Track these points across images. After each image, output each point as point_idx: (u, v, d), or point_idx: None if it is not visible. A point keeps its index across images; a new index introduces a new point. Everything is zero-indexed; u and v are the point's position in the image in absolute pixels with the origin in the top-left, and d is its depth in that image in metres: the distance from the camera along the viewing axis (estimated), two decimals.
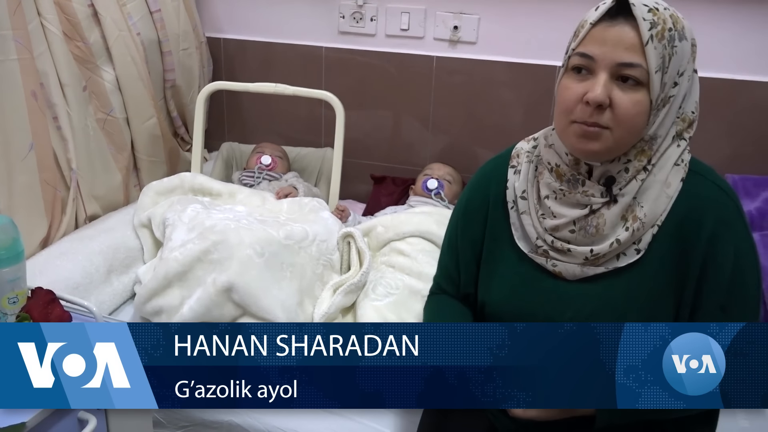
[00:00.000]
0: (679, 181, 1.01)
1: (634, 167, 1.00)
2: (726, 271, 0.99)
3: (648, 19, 0.93)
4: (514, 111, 2.16)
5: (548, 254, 1.06)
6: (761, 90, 1.93)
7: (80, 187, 1.85)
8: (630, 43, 0.93)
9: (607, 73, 0.95)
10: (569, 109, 0.98)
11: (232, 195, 1.98)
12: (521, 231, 1.10)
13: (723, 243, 0.99)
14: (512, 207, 1.11)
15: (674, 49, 0.95)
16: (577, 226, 1.03)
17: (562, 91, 1.00)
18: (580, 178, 1.02)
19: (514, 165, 1.13)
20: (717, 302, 1.00)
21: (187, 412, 1.43)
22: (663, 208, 1.01)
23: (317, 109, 2.37)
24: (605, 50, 0.94)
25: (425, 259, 1.70)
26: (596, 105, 0.94)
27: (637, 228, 1.00)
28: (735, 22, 1.91)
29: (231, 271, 1.59)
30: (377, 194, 2.31)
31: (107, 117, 1.96)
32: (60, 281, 1.59)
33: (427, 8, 2.17)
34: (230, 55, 2.45)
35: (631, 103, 0.95)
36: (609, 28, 0.95)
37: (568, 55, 1.00)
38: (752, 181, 1.83)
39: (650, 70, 0.93)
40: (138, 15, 2.03)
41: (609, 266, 1.03)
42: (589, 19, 0.97)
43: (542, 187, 1.07)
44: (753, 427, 1.38)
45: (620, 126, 0.95)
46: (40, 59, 1.69)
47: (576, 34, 0.99)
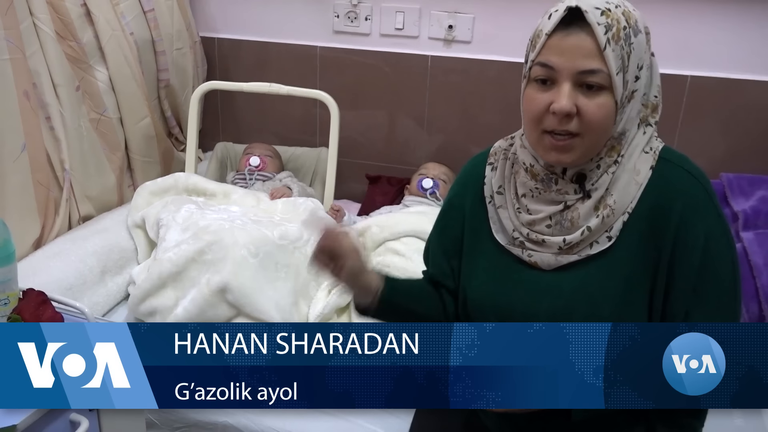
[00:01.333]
0: (649, 169, 1.03)
1: (606, 163, 1.02)
2: (696, 254, 1.00)
3: (602, 23, 0.93)
4: (508, 110, 2.15)
5: (524, 245, 1.08)
6: (756, 89, 1.93)
7: (73, 187, 1.84)
8: (588, 50, 0.94)
9: (570, 82, 0.96)
10: (538, 119, 0.99)
11: (226, 195, 1.97)
12: (499, 224, 1.12)
13: (692, 227, 1.00)
14: (490, 201, 1.14)
15: (631, 46, 0.96)
16: (552, 221, 1.05)
17: (527, 102, 1.01)
18: (554, 177, 1.04)
19: (491, 162, 1.16)
20: (689, 285, 1.01)
21: (182, 413, 1.42)
22: (633, 195, 1.02)
23: (312, 109, 2.36)
24: (565, 59, 0.95)
25: (420, 258, 1.69)
26: (563, 115, 0.96)
27: (608, 215, 1.02)
28: (730, 21, 1.91)
29: (225, 272, 1.59)
30: (372, 194, 2.30)
31: (101, 117, 1.96)
32: (53, 282, 1.58)
33: (422, 7, 2.17)
34: (224, 54, 2.44)
35: (597, 107, 0.96)
36: (566, 38, 0.95)
37: (529, 66, 1.01)
38: (747, 180, 1.83)
39: (611, 73, 0.94)
40: (131, 14, 2.02)
41: (582, 254, 1.04)
42: (545, 29, 0.97)
43: (519, 186, 1.09)
44: (748, 425, 1.39)
45: (590, 131, 0.97)
46: (32, 59, 1.69)
47: (533, 44, 1.00)
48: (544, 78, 0.98)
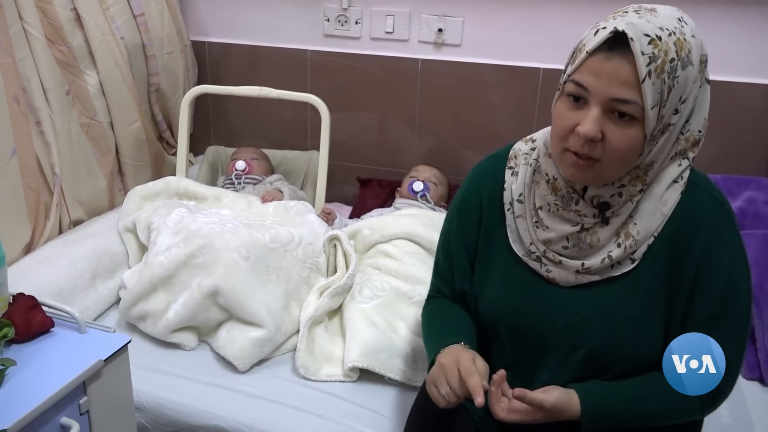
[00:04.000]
0: (676, 198, 1.00)
1: (628, 192, 0.99)
2: (719, 282, 0.99)
3: (647, 53, 0.88)
4: (499, 113, 2.17)
5: (541, 260, 1.07)
6: (744, 91, 1.95)
7: (64, 191, 1.84)
8: (626, 78, 0.89)
9: (600, 108, 0.92)
10: (563, 137, 0.97)
11: (217, 199, 1.97)
12: (516, 234, 1.10)
13: (717, 254, 0.99)
14: (509, 209, 1.11)
15: (675, 80, 0.90)
16: (570, 242, 1.03)
17: (557, 116, 0.98)
18: (575, 196, 1.02)
19: (511, 166, 1.12)
20: (708, 312, 1.00)
21: (173, 416, 1.42)
22: (657, 225, 1.00)
23: (303, 112, 2.37)
24: (600, 83, 0.91)
25: (411, 261, 1.70)
26: (587, 139, 0.93)
27: (630, 246, 1.00)
28: (717, 25, 1.92)
29: (216, 275, 1.59)
30: (363, 197, 2.31)
31: (91, 121, 1.95)
32: (44, 287, 1.57)
33: (412, 11, 2.18)
34: (215, 58, 2.45)
35: (624, 138, 0.92)
36: (606, 61, 0.90)
37: (564, 80, 0.98)
38: (734, 181, 1.85)
39: (645, 107, 0.90)
40: (121, 19, 2.02)
41: (603, 275, 1.03)
42: (587, 45, 0.93)
43: (537, 198, 1.07)
44: (735, 424, 1.40)
45: (612, 159, 0.94)
46: (22, 63, 1.68)
47: (573, 58, 0.96)
48: (577, 95, 0.94)
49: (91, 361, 1.06)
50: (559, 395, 1.00)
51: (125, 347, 1.13)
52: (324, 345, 1.58)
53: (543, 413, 1.00)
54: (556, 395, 1.00)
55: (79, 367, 1.04)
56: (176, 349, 1.61)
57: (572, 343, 1.05)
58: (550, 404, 0.99)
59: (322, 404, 1.44)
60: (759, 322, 1.56)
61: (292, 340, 1.62)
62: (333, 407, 1.43)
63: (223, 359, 1.57)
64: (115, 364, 1.11)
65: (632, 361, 1.03)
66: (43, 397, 0.98)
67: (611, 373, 1.05)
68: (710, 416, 1.11)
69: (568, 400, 1.01)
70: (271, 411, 1.42)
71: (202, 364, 1.57)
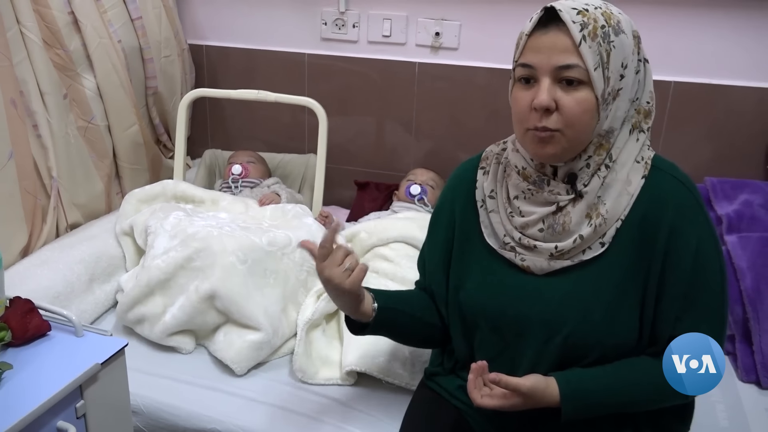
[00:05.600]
0: (640, 179, 1.04)
1: (595, 162, 1.03)
2: (687, 261, 1.02)
3: (578, 22, 0.96)
4: (496, 116, 2.17)
5: (515, 250, 1.09)
6: (738, 94, 1.95)
7: (61, 195, 1.84)
8: (564, 46, 0.97)
9: (549, 78, 0.98)
10: (523, 117, 1.02)
11: (215, 202, 1.97)
12: (490, 228, 1.13)
13: (683, 234, 1.02)
14: (481, 206, 1.15)
15: (611, 44, 0.97)
16: (545, 224, 1.06)
17: (513, 102, 1.04)
18: (546, 178, 1.06)
19: (483, 167, 1.18)
20: (679, 291, 1.02)
21: (170, 419, 1.42)
22: (624, 205, 1.04)
23: (300, 116, 2.37)
24: (542, 57, 0.98)
25: (409, 264, 1.70)
26: (543, 109, 0.98)
27: (600, 224, 1.03)
28: (712, 28, 1.93)
29: (214, 279, 1.59)
30: (361, 200, 2.31)
31: (88, 125, 1.95)
32: (41, 290, 1.57)
33: (409, 15, 2.18)
34: (213, 62, 2.45)
35: (576, 102, 0.98)
36: (542, 36, 0.98)
37: (513, 67, 1.04)
38: (730, 184, 1.85)
39: (588, 68, 0.96)
40: (119, 22, 2.02)
41: (575, 259, 1.06)
42: (525, 30, 1.01)
43: (511, 189, 1.11)
44: (732, 426, 1.40)
45: (570, 126, 0.99)
46: (19, 67, 1.68)
47: (517, 46, 1.04)
48: (527, 77, 1.01)
49: (88, 365, 1.06)
50: (536, 380, 1.02)
51: (122, 351, 1.13)
52: (321, 348, 1.58)
53: (520, 398, 1.01)
54: (532, 380, 1.02)
55: (76, 371, 1.04)
56: (173, 353, 1.61)
57: (548, 330, 1.06)
58: (526, 388, 1.00)
59: (320, 407, 1.43)
60: (756, 325, 1.56)
61: (289, 344, 1.62)
62: (330, 411, 1.43)
63: (221, 362, 1.57)
64: (111, 368, 1.11)
65: (608, 347, 1.05)
66: (40, 401, 0.98)
67: (588, 359, 1.06)
68: (707, 418, 1.11)
69: (545, 386, 1.02)
70: (268, 414, 1.41)
71: (200, 368, 1.57)
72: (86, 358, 1.07)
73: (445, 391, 1.24)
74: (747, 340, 1.57)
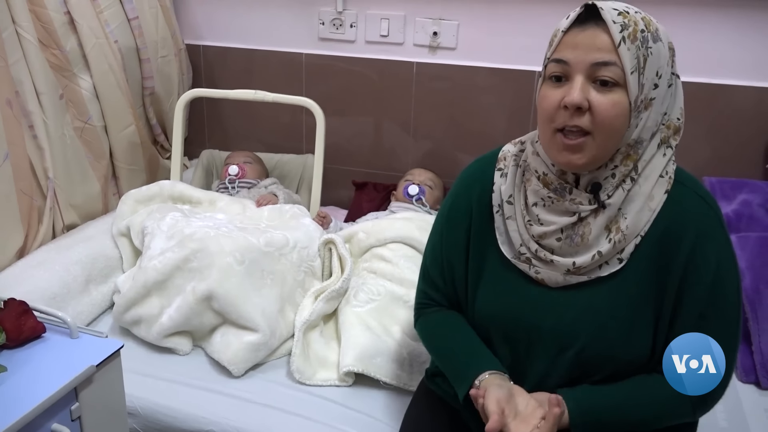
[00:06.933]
0: (663, 194, 1.01)
1: (621, 172, 0.99)
2: (706, 281, 0.99)
3: (618, 22, 0.93)
4: (494, 116, 2.17)
5: (531, 262, 1.06)
6: (739, 94, 1.95)
7: (57, 196, 1.83)
8: (602, 44, 0.93)
9: (583, 76, 0.94)
10: (550, 116, 0.97)
11: (212, 203, 1.97)
12: (506, 236, 1.09)
13: (704, 254, 0.99)
14: (498, 211, 1.11)
15: (649, 50, 0.94)
16: (563, 234, 1.03)
17: (541, 100, 1.00)
18: (568, 186, 1.02)
19: (500, 168, 1.12)
20: (696, 310, 1.00)
21: (167, 421, 1.41)
22: (645, 221, 1.01)
23: (298, 116, 2.36)
24: (578, 53, 0.94)
25: (407, 264, 1.70)
26: (575, 108, 0.94)
27: (619, 240, 1.00)
28: (712, 28, 1.93)
29: (211, 280, 1.58)
30: (359, 200, 2.30)
31: (85, 125, 1.94)
32: (37, 292, 1.56)
33: (407, 14, 2.17)
34: (210, 62, 2.44)
35: (610, 103, 0.94)
36: (580, 33, 0.95)
37: (545, 64, 1.00)
38: (729, 184, 1.85)
39: (625, 70, 0.92)
40: (115, 22, 2.01)
41: (591, 275, 1.03)
42: (561, 27, 0.97)
43: (530, 195, 1.06)
44: (731, 427, 1.39)
45: (600, 129, 0.94)
46: (14, 67, 1.67)
47: (550, 43, 1.00)
48: (559, 74, 0.97)
49: (83, 367, 1.05)
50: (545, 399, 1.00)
51: (117, 352, 1.13)
52: (319, 349, 1.58)
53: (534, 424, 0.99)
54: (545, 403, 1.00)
55: (71, 373, 1.04)
56: (170, 354, 1.60)
57: (560, 344, 1.05)
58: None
59: (317, 409, 1.43)
60: (755, 325, 1.56)
61: (287, 345, 1.61)
62: (328, 412, 1.42)
63: (218, 364, 1.56)
64: (107, 370, 1.11)
65: (621, 363, 1.03)
66: (35, 404, 0.97)
67: (600, 374, 1.04)
68: (706, 419, 1.11)
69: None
70: (265, 416, 1.41)
71: (197, 369, 1.56)
72: (81, 360, 1.07)
73: (446, 393, 1.23)
74: (746, 340, 1.57)
